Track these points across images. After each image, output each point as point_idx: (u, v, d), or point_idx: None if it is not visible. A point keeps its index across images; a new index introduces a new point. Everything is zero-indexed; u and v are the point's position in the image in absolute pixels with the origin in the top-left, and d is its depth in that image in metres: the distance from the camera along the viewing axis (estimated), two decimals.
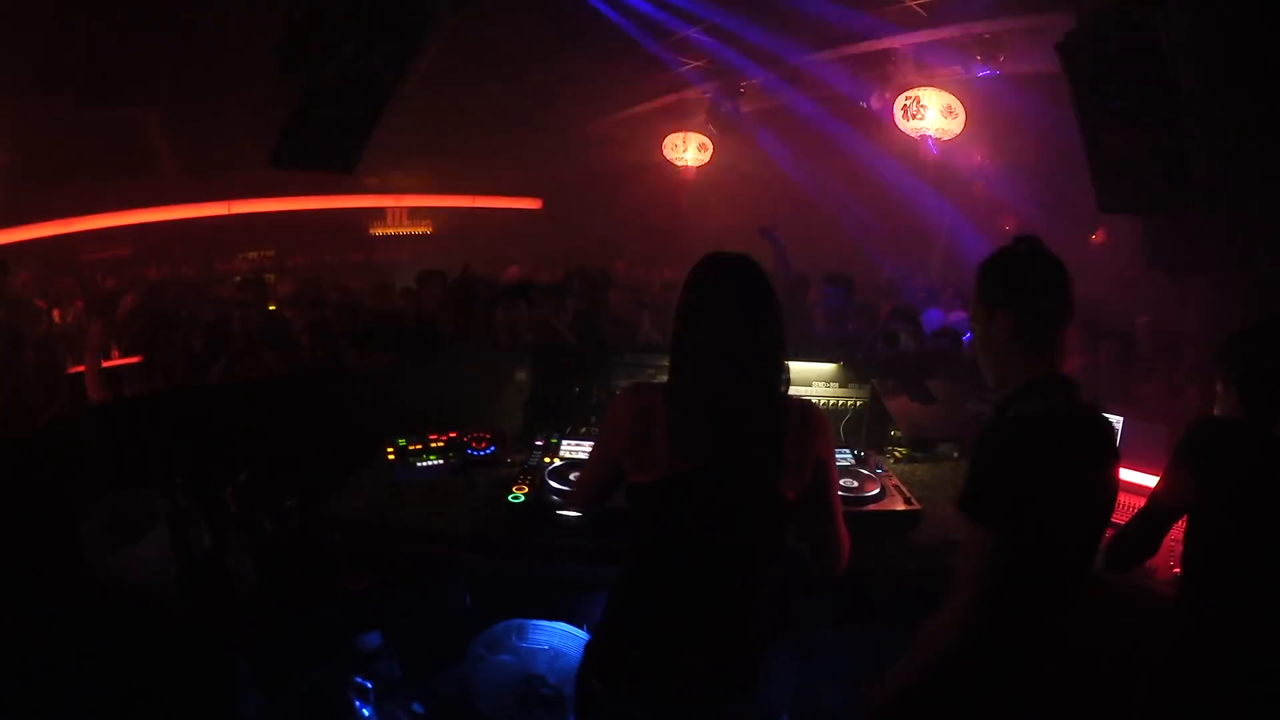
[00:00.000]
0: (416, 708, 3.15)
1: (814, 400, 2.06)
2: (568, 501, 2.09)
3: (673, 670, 1.82)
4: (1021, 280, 1.78)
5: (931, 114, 7.30)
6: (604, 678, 1.89)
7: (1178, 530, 2.12)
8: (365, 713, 2.99)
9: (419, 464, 2.91)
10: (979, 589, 1.66)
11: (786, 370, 1.86)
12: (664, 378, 1.89)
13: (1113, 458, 1.80)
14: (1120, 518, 2.20)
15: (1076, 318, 1.79)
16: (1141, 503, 2.20)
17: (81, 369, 4.75)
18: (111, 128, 8.35)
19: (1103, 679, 2.27)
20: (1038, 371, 1.74)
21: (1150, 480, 2.57)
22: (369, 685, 3.03)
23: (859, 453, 3.06)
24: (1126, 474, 2.65)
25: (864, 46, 7.63)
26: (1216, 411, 2.20)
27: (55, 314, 7.08)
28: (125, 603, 2.33)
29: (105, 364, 5.09)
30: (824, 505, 1.92)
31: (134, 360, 4.96)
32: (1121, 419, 2.82)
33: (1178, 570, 2.27)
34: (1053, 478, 1.66)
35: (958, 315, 6.58)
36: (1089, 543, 1.82)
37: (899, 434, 3.37)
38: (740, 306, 1.80)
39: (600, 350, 3.85)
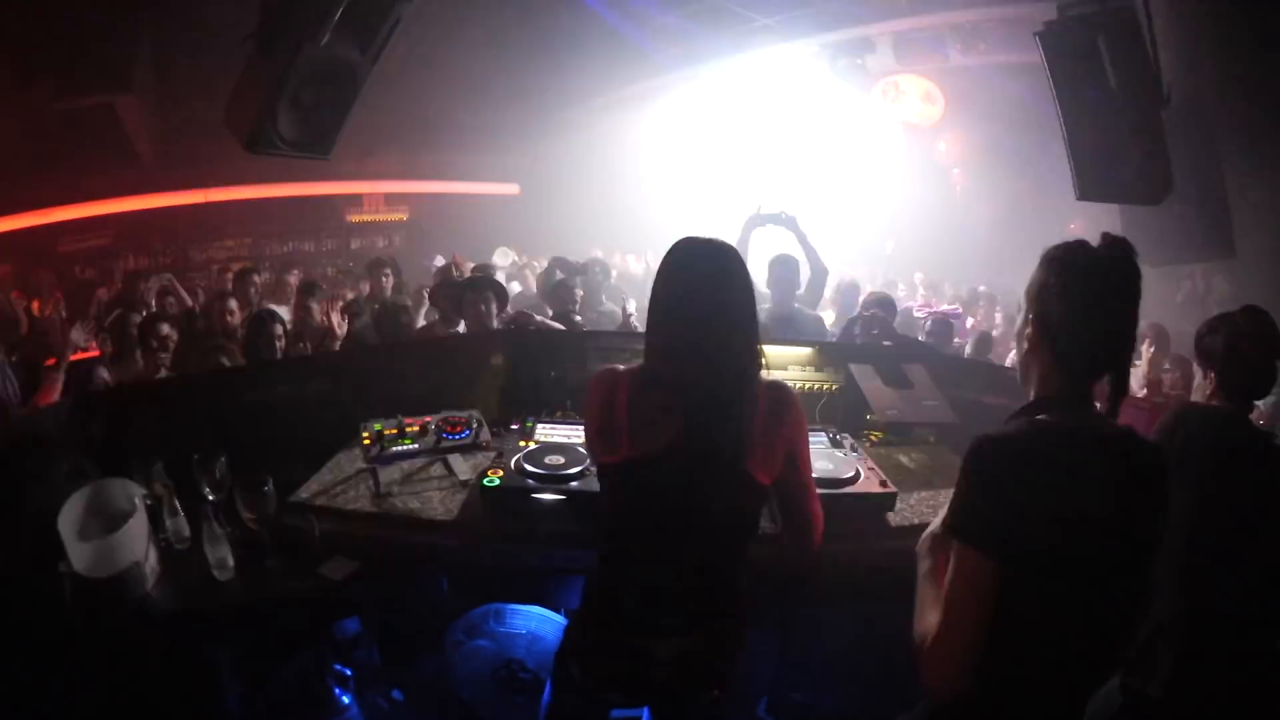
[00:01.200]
0: (396, 695, 3.17)
1: (790, 384, 2.04)
2: None
3: (647, 659, 1.83)
4: (1053, 281, 1.53)
5: (910, 100, 7.33)
6: (581, 663, 1.91)
7: None
8: (345, 700, 3.01)
9: (395, 449, 2.91)
10: (971, 615, 1.43)
11: (758, 355, 1.85)
12: (640, 361, 1.90)
13: (1154, 489, 1.48)
14: None
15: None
16: None
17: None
18: (89, 117, 8.24)
19: None
20: (1059, 385, 1.54)
21: None
22: (349, 673, 3.05)
23: (835, 436, 3.08)
24: None
25: (843, 34, 7.63)
26: (1196, 397, 2.23)
27: (34, 305, 7.02)
28: (103, 593, 2.32)
29: (82, 355, 5.06)
30: (797, 486, 1.92)
31: (110, 351, 4.92)
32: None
33: None
34: (1061, 497, 1.43)
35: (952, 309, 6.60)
36: (1122, 587, 1.48)
37: (874, 418, 3.39)
38: (706, 292, 1.79)
39: (576, 334, 3.85)
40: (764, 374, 1.88)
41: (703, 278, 1.80)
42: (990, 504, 1.44)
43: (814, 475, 2.00)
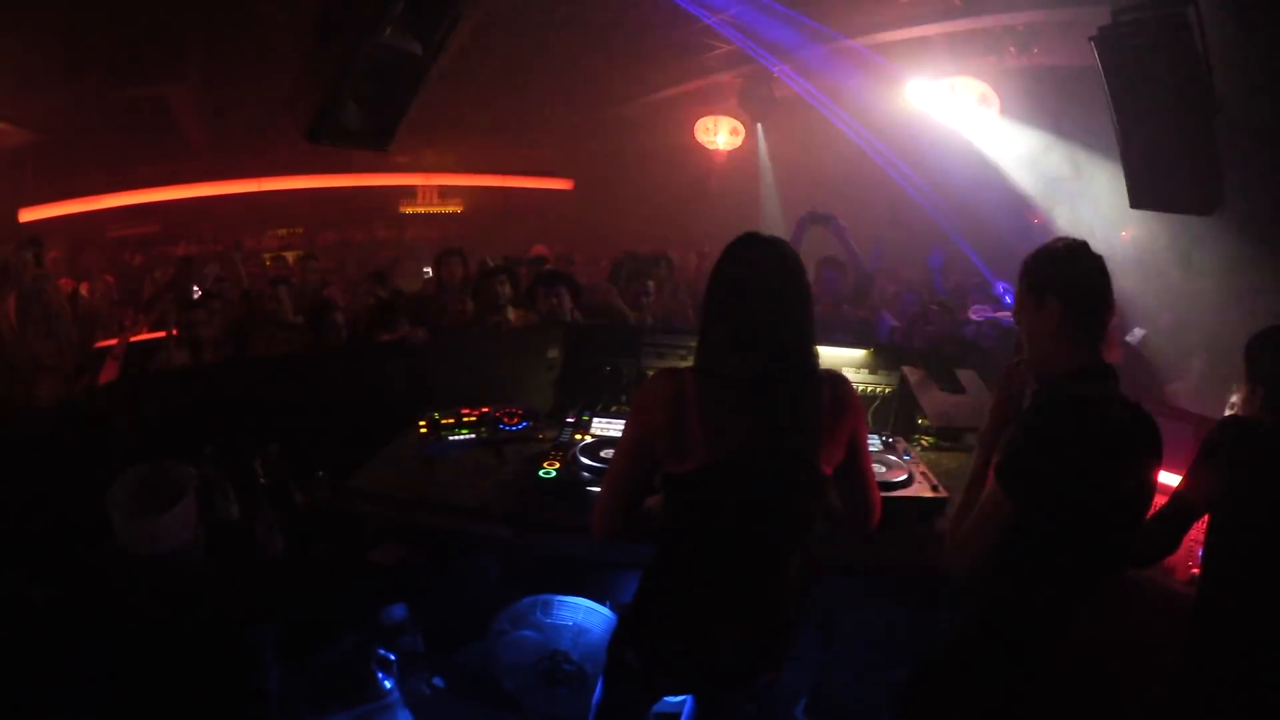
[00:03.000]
0: (438, 681, 3.18)
1: None
2: (592, 530, 1.94)
3: (707, 645, 1.84)
4: (1070, 272, 1.84)
5: (967, 102, 7.23)
6: (638, 650, 1.91)
7: (1197, 530, 2.11)
8: (387, 685, 3.02)
9: (451, 438, 2.92)
10: (982, 542, 1.76)
11: (816, 351, 1.84)
12: (692, 360, 1.87)
13: (1153, 453, 1.82)
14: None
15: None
16: (1164, 500, 2.16)
17: (110, 342, 4.83)
18: (141, 106, 8.35)
19: (1120, 677, 2.27)
20: (1086, 359, 1.80)
21: (1172, 478, 2.55)
22: (392, 658, 3.07)
23: (887, 439, 3.05)
24: None
25: (899, 34, 7.55)
26: (1243, 410, 2.19)
27: (84, 288, 7.17)
28: (152, 571, 2.36)
29: (134, 338, 5.16)
30: (857, 473, 1.93)
31: (161, 335, 5.01)
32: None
33: (1196, 570, 2.28)
34: (1089, 460, 1.70)
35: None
36: (1119, 534, 1.83)
37: (926, 422, 3.36)
38: (771, 288, 1.77)
39: (631, 330, 3.85)
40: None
41: (765, 272, 1.79)
42: (1039, 460, 1.71)
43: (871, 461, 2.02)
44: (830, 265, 4.99)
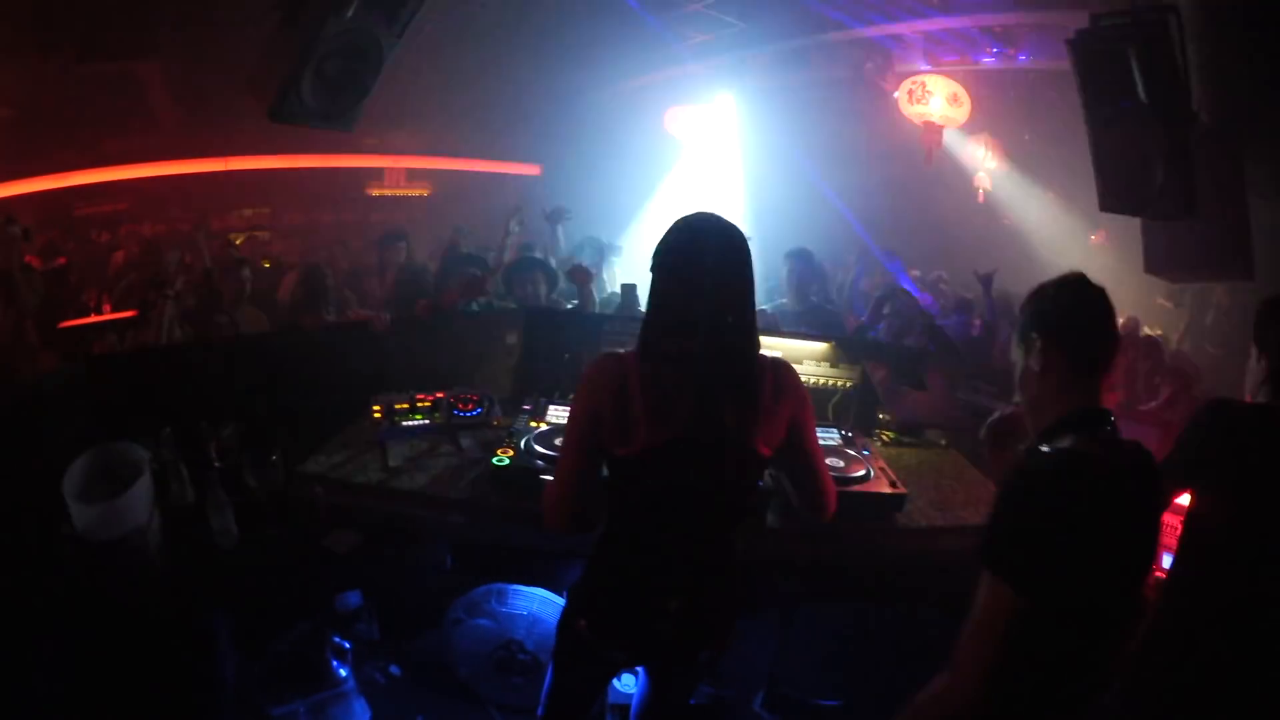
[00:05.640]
0: (394, 670, 3.17)
1: (804, 379, 2.02)
2: (544, 521, 1.91)
3: (651, 613, 1.85)
4: (1064, 316, 1.66)
5: (936, 100, 7.24)
6: (589, 618, 1.92)
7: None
8: (343, 673, 3.00)
9: (405, 423, 2.90)
10: (994, 656, 1.43)
11: (757, 331, 1.84)
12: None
13: (1157, 501, 1.66)
14: None
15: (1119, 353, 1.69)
16: None
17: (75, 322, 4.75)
18: (109, 82, 8.22)
19: None
20: (1075, 405, 1.61)
21: None
22: (348, 646, 3.04)
23: (846, 433, 3.06)
24: None
25: (872, 30, 7.56)
26: (1249, 378, 2.18)
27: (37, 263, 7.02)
28: (105, 556, 2.31)
29: (96, 318, 5.06)
30: (803, 453, 1.92)
31: (126, 315, 4.92)
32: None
33: (1158, 572, 2.24)
34: (1090, 523, 1.44)
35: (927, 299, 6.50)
36: (1127, 603, 1.58)
37: (887, 418, 3.37)
38: (710, 267, 1.75)
39: (592, 316, 3.83)
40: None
41: (710, 251, 1.77)
42: (1037, 532, 1.45)
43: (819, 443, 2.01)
44: (799, 258, 4.94)
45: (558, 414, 2.95)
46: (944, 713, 1.49)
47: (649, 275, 1.82)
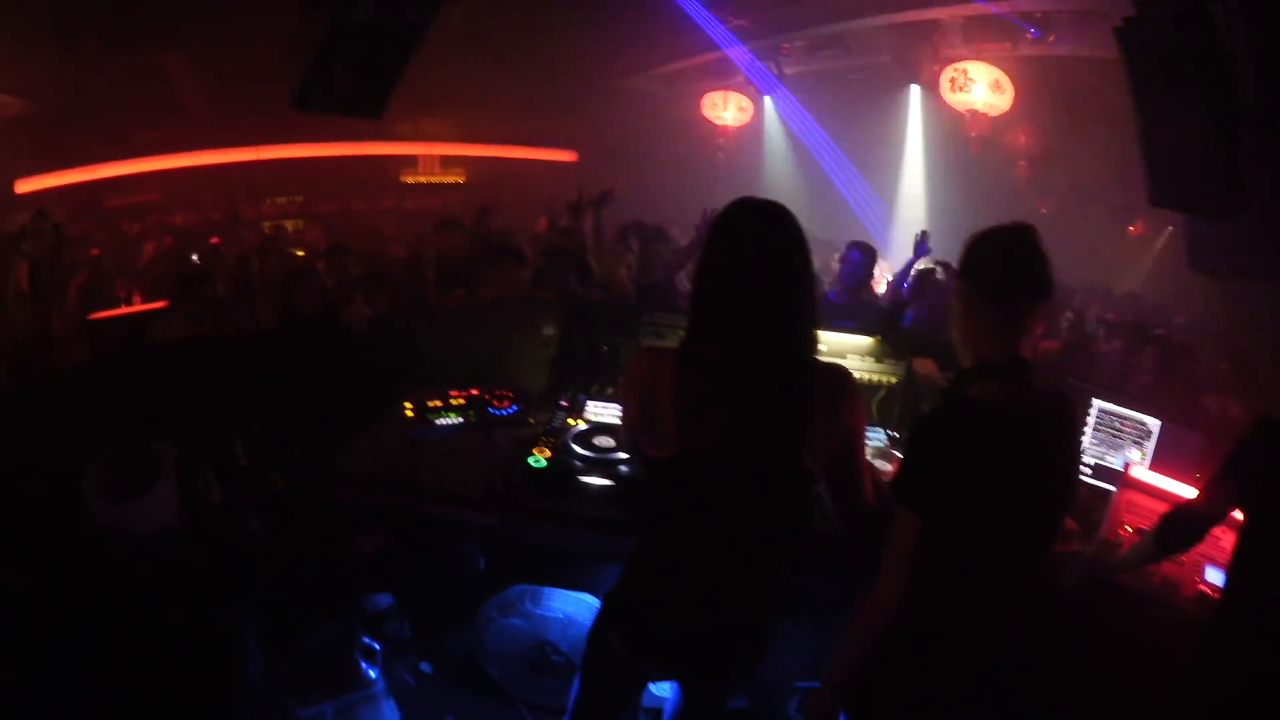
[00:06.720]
0: (424, 667, 3.11)
1: None
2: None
3: (688, 628, 1.75)
4: (980, 258, 1.70)
5: (979, 88, 7.10)
6: (622, 632, 1.83)
7: (1206, 543, 2.13)
8: (371, 674, 2.95)
9: (438, 421, 2.83)
10: (904, 571, 1.64)
11: (817, 337, 1.68)
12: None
13: (1067, 444, 1.76)
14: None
15: (1050, 300, 1.72)
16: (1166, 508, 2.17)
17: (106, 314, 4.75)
18: (138, 73, 8.26)
19: (1118, 692, 2.24)
20: (992, 352, 1.67)
21: (1183, 489, 2.53)
22: (376, 646, 2.99)
23: (891, 433, 2.94)
24: (1159, 481, 2.61)
25: (911, 15, 7.39)
26: None
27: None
28: (130, 555, 2.27)
29: (127, 309, 5.06)
30: (850, 471, 1.77)
31: (157, 305, 4.91)
32: (1159, 423, 2.77)
33: (1202, 587, 2.34)
34: (987, 465, 1.59)
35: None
36: (1037, 531, 1.74)
37: None
38: (763, 263, 1.59)
39: (629, 308, 3.71)
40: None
41: (764, 245, 1.60)
42: (934, 471, 1.62)
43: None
44: (859, 249, 4.65)
45: (596, 410, 2.87)
46: (875, 623, 1.67)
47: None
